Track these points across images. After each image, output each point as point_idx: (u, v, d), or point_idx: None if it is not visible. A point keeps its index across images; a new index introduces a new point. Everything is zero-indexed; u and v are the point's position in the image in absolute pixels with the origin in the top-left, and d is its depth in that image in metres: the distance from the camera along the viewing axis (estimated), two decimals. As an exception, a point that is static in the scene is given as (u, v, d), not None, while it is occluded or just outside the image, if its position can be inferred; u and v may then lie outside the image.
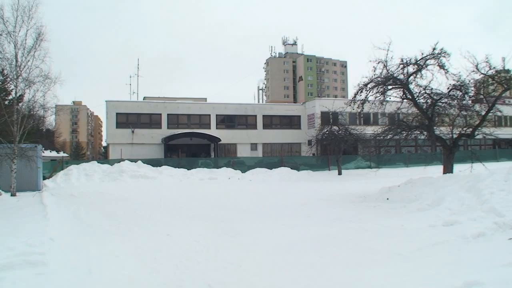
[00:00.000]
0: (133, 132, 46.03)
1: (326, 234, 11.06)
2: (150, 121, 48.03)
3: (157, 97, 59.78)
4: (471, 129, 21.11)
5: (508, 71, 23.19)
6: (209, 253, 9.27)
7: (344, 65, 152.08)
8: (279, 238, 10.71)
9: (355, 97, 21.30)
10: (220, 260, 8.63)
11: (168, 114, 48.59)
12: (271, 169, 37.47)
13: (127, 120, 46.92)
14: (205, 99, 61.08)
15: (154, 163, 37.03)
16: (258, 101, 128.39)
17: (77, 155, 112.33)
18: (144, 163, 35.80)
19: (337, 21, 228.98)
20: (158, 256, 9.06)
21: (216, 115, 50.79)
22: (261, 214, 15.29)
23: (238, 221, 13.66)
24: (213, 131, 49.27)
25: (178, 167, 36.50)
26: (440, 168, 21.24)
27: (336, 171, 39.12)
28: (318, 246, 9.69)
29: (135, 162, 35.56)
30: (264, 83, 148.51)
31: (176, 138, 46.25)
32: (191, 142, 48.26)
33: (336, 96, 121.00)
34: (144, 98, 63.14)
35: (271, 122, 53.21)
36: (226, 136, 49.56)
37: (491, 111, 21.13)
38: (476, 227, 10.78)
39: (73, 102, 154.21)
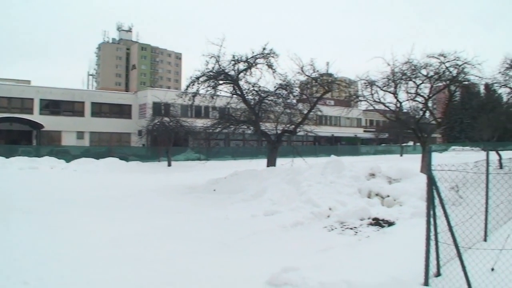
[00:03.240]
0: None
1: (155, 226, 10.94)
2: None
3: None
4: (294, 126, 22.40)
5: (330, 74, 24.97)
6: (26, 248, 8.63)
7: (179, 56, 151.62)
8: (106, 231, 10.26)
9: (187, 89, 21.32)
10: (39, 254, 8.07)
11: (-15, 96, 43.94)
12: (98, 159, 35.86)
13: None
14: (29, 82, 56.67)
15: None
16: (88, 88, 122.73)
17: None
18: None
19: (177, 12, 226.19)
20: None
21: (40, 99, 47.33)
22: (87, 206, 14.51)
23: (60, 214, 12.88)
24: (36, 116, 45.84)
25: (-5, 155, 33.18)
26: (264, 161, 22.23)
27: (166, 163, 39.01)
28: (145, 238, 9.51)
29: None
30: (95, 69, 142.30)
31: (-6, 123, 42.06)
32: (11, 127, 44.36)
33: (169, 87, 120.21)
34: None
35: (100, 110, 51.13)
36: (50, 122, 46.29)
37: (313, 111, 22.67)
38: (294, 217, 11.54)
39: None
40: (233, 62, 20.63)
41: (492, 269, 6.48)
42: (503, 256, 6.96)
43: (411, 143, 66.34)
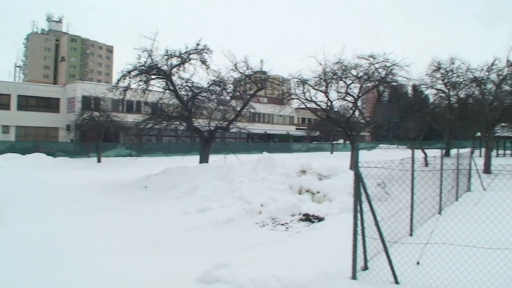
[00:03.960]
0: None
1: (82, 224, 10.59)
2: None
3: None
4: (227, 123, 22.39)
5: (264, 72, 25.17)
6: None
7: (110, 49, 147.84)
8: (28, 231, 9.81)
9: (118, 83, 20.83)
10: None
11: None
12: (24, 154, 34.34)
13: None
14: None
15: None
16: (15, 80, 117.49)
17: None
18: None
19: (110, 4, 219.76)
20: None
21: (-37, 91, 44.72)
22: (8, 205, 13.72)
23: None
24: (-46, 109, 43.33)
25: None
26: (197, 158, 22.09)
27: (96, 159, 37.95)
28: (70, 238, 9.18)
29: None
30: (23, 61, 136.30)
31: None
32: None
33: (100, 81, 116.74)
34: None
35: (27, 103, 48.82)
36: (-29, 116, 43.89)
37: (246, 107, 22.76)
38: (226, 213, 11.54)
39: None
40: (166, 56, 20.37)
41: (418, 263, 6.71)
42: (428, 250, 7.23)
43: (341, 141, 67.99)
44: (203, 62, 20.72)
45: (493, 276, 5.94)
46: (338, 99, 24.15)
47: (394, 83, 24.35)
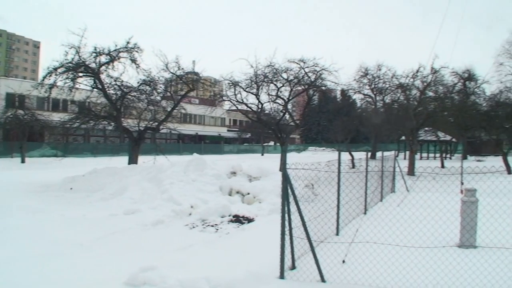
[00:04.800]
0: None
1: (6, 226, 10.13)
2: None
3: None
4: (157, 123, 22.14)
5: (196, 73, 25.07)
6: None
7: (37, 45, 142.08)
8: None
9: (43, 80, 20.08)
10: None
11: None
12: None
13: None
14: None
15: None
16: None
17: None
18: None
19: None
20: None
21: None
22: None
23: None
24: None
25: None
26: (126, 159, 21.69)
27: (20, 159, 36.35)
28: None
29: None
30: None
31: None
32: None
33: (25, 78, 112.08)
34: None
35: None
36: None
37: (177, 108, 22.59)
38: (155, 215, 11.39)
39: None
40: (94, 54, 19.85)
41: (343, 261, 6.92)
42: (353, 248, 7.47)
43: (272, 143, 68.78)
44: (133, 60, 20.39)
45: (414, 272, 6.22)
46: (268, 101, 24.43)
47: (323, 87, 24.94)
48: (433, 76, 29.83)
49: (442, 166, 32.79)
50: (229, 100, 24.66)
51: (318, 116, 76.32)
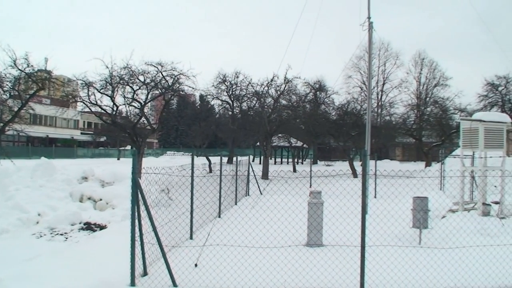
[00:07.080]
0: None
1: None
2: None
3: None
4: (2, 125, 20.67)
5: (48, 71, 23.74)
6: None
7: None
8: None
9: None
10: None
11: None
12: None
13: None
14: None
15: None
16: None
17: None
18: None
19: None
20: None
21: None
22: None
23: None
24: None
25: None
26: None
27: None
28: None
29: None
30: None
31: None
32: None
33: None
34: None
35: None
36: None
37: (25, 108, 21.23)
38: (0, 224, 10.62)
39: None
40: None
41: (196, 265, 7.02)
42: (205, 252, 7.62)
43: (129, 147, 67.20)
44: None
45: (263, 272, 6.51)
46: (124, 104, 23.83)
47: (181, 92, 24.97)
48: (286, 85, 31.41)
49: (294, 170, 34.59)
50: (82, 101, 23.58)
51: (176, 121, 76.14)
